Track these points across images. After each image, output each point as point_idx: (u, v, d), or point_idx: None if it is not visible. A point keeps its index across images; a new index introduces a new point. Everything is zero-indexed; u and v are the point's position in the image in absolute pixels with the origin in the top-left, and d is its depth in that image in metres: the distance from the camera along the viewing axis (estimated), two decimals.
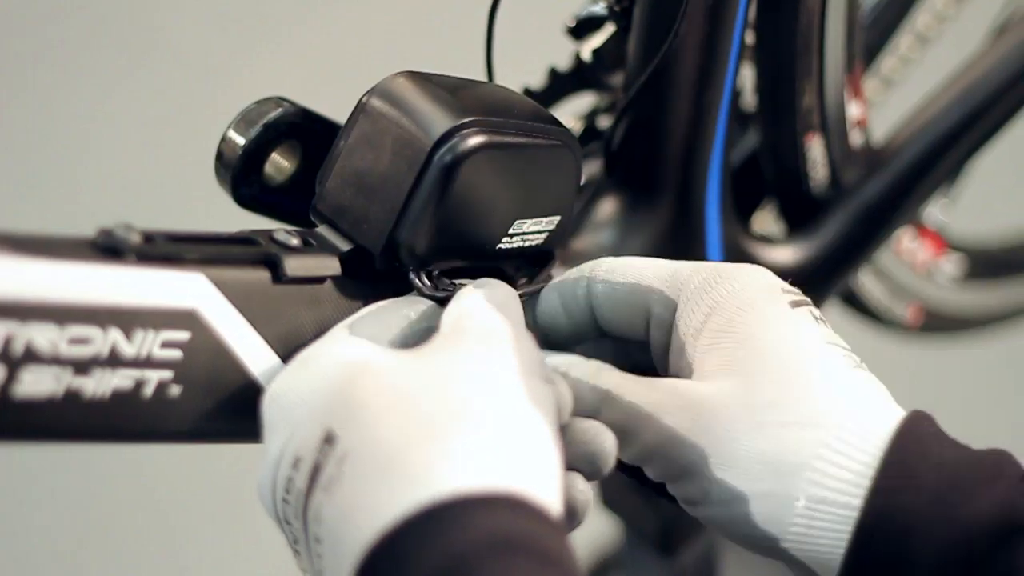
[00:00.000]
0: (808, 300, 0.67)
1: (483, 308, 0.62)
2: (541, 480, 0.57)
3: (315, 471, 0.57)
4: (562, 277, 0.69)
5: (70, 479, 1.88)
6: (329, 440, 0.57)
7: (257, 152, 0.70)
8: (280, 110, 0.71)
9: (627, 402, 0.64)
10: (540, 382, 0.60)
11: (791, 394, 0.63)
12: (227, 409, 0.62)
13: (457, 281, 0.67)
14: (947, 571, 0.60)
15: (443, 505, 0.54)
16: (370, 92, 0.66)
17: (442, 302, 0.66)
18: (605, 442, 0.64)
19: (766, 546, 0.64)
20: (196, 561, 1.84)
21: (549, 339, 0.69)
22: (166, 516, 1.87)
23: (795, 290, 0.67)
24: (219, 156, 0.70)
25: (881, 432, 0.62)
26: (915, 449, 0.62)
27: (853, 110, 0.95)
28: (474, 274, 0.68)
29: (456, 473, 0.55)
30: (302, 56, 2.30)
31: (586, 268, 0.69)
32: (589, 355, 0.66)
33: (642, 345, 0.69)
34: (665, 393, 0.64)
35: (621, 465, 0.66)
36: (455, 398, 0.58)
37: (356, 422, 0.57)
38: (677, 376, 0.66)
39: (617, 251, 0.81)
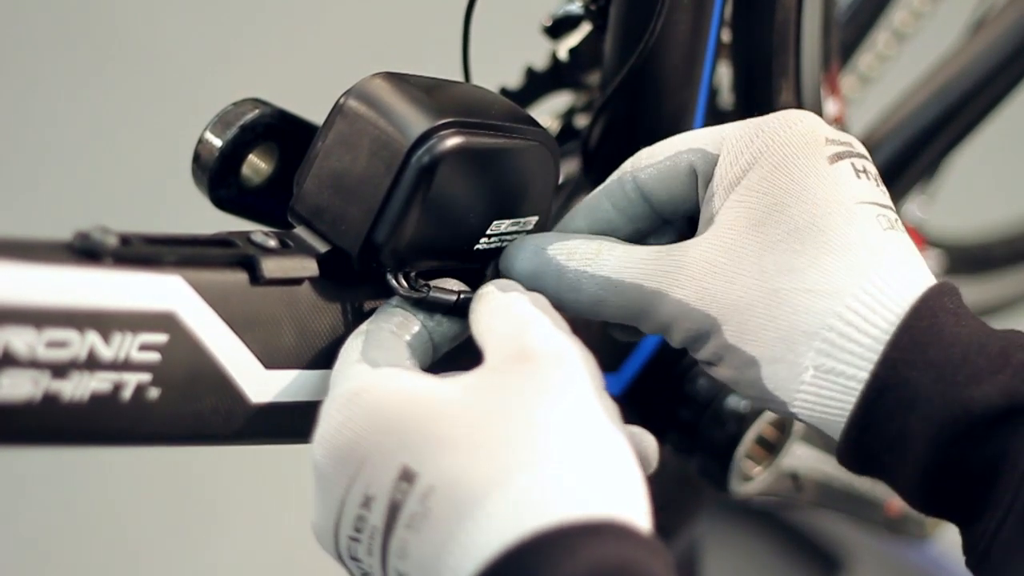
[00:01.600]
0: (855, 149, 0.66)
1: (545, 326, 0.62)
2: (635, 504, 0.57)
3: (393, 509, 0.57)
4: (605, 183, 0.70)
5: (57, 481, 1.87)
6: (407, 477, 0.57)
7: (234, 154, 0.70)
8: (257, 112, 0.70)
9: (631, 284, 0.65)
10: (608, 399, 0.60)
11: (808, 260, 0.63)
12: (206, 411, 0.62)
13: (435, 283, 0.67)
14: (945, 446, 0.61)
15: (548, 535, 0.54)
16: (347, 93, 0.66)
17: (420, 303, 0.66)
18: (648, 446, 0.65)
19: (776, 408, 0.65)
20: (193, 561, 1.84)
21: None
22: (160, 516, 1.86)
23: (839, 138, 0.66)
24: (196, 158, 0.70)
25: (897, 305, 0.62)
26: (929, 325, 0.62)
27: (830, 107, 0.96)
28: (452, 275, 0.68)
29: (556, 502, 0.55)
30: (280, 57, 2.30)
31: (627, 164, 0.70)
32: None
33: (687, 212, 0.69)
34: (677, 261, 0.65)
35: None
36: (540, 425, 0.57)
37: (437, 457, 0.57)
38: (701, 227, 0.67)
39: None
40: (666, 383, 0.86)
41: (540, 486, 0.55)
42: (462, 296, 0.67)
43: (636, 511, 0.57)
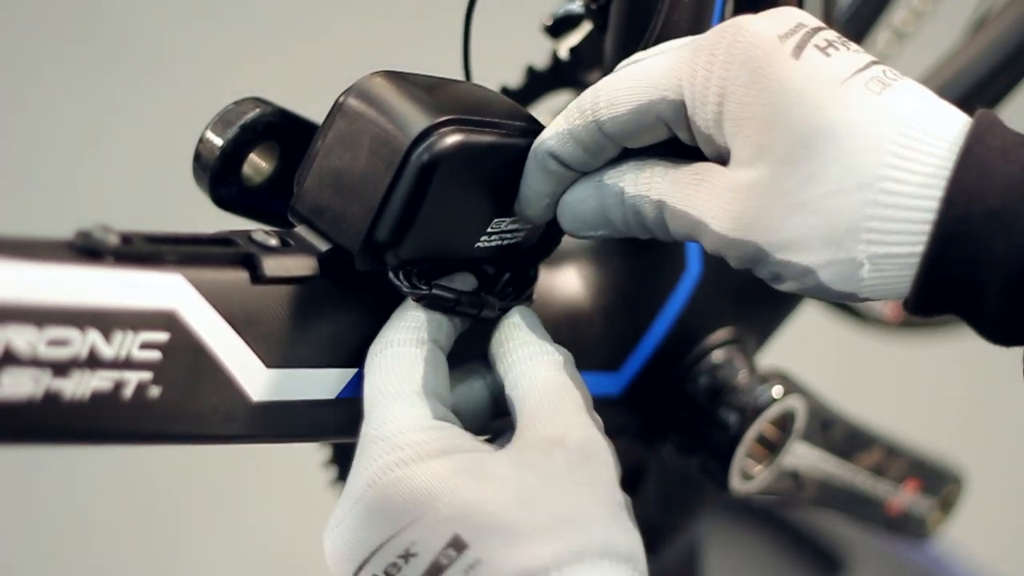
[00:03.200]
0: (809, 25, 0.64)
1: (583, 415, 0.65)
2: None
3: (434, 570, 0.60)
4: (567, 123, 0.68)
5: (54, 480, 1.88)
6: (457, 546, 0.60)
7: (235, 153, 0.70)
8: (258, 111, 0.70)
9: (680, 211, 0.65)
10: (620, 490, 0.64)
11: (821, 163, 0.61)
12: (207, 410, 0.62)
13: (433, 283, 0.67)
14: (1018, 290, 0.59)
15: None
16: (347, 92, 0.66)
17: (421, 299, 0.66)
18: None
19: (848, 301, 0.65)
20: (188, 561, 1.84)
21: (587, 168, 0.69)
22: (154, 516, 1.87)
23: (788, 26, 0.64)
24: (197, 157, 0.70)
25: (934, 167, 0.60)
26: (977, 176, 0.60)
27: None
28: (453, 273, 0.68)
29: None
30: (281, 56, 2.30)
31: (587, 107, 0.67)
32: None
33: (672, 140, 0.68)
34: (708, 192, 0.65)
35: None
36: (581, 520, 0.61)
37: (488, 535, 0.60)
38: (720, 160, 0.66)
39: (596, 249, 0.81)
40: (667, 382, 0.86)
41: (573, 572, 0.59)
42: (463, 298, 0.67)
43: None
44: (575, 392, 0.66)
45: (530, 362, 0.67)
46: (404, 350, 0.66)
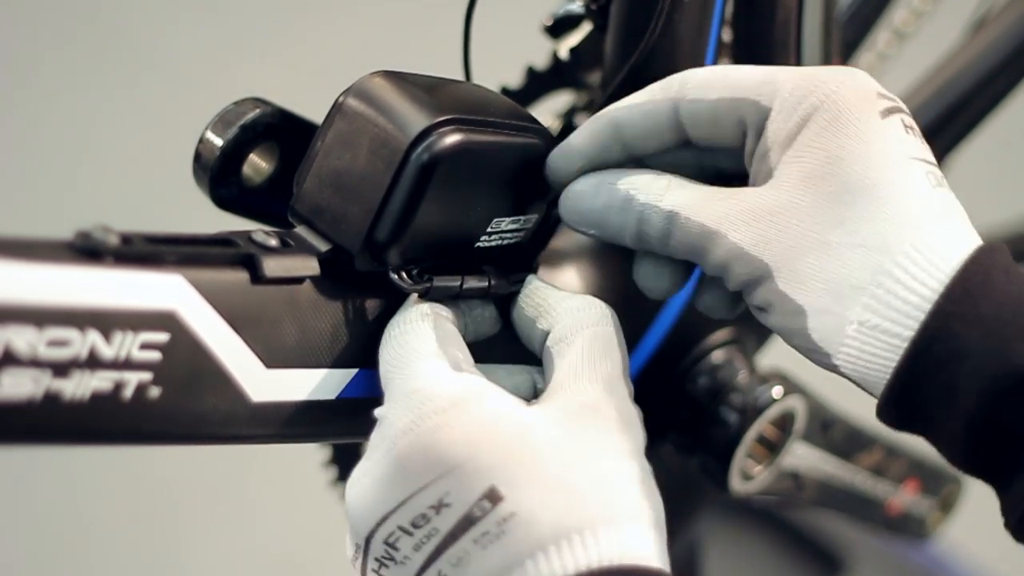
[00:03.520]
0: (901, 106, 0.67)
1: (620, 386, 0.65)
2: (665, 556, 0.62)
3: (467, 521, 0.60)
4: (648, 96, 0.69)
5: (55, 481, 1.88)
6: (492, 497, 0.60)
7: (235, 153, 0.70)
8: (257, 111, 0.70)
9: (695, 222, 0.66)
10: (647, 461, 0.65)
11: (860, 214, 0.63)
12: (207, 410, 0.62)
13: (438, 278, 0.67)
14: (992, 401, 0.61)
15: (609, 572, 0.59)
16: (346, 92, 0.66)
17: (424, 294, 0.67)
18: None
19: (819, 360, 0.66)
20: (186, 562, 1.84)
21: (633, 151, 0.70)
22: (154, 517, 1.86)
23: (889, 95, 0.67)
24: (197, 157, 0.70)
25: (947, 263, 0.62)
26: (981, 281, 0.62)
27: None
28: (453, 273, 0.68)
29: (626, 552, 0.60)
30: (281, 56, 2.30)
31: (674, 86, 0.69)
32: (670, 163, 0.69)
33: (728, 151, 0.69)
34: (735, 206, 0.66)
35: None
36: (617, 484, 0.62)
37: (526, 489, 0.60)
38: (754, 181, 0.67)
39: (596, 249, 0.81)
40: (667, 382, 0.86)
41: (613, 537, 0.60)
42: (466, 280, 0.67)
43: (664, 560, 0.62)
44: (616, 353, 0.66)
45: (579, 313, 0.68)
46: (413, 326, 0.66)
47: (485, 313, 0.70)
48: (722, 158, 0.70)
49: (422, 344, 0.65)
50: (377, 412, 0.63)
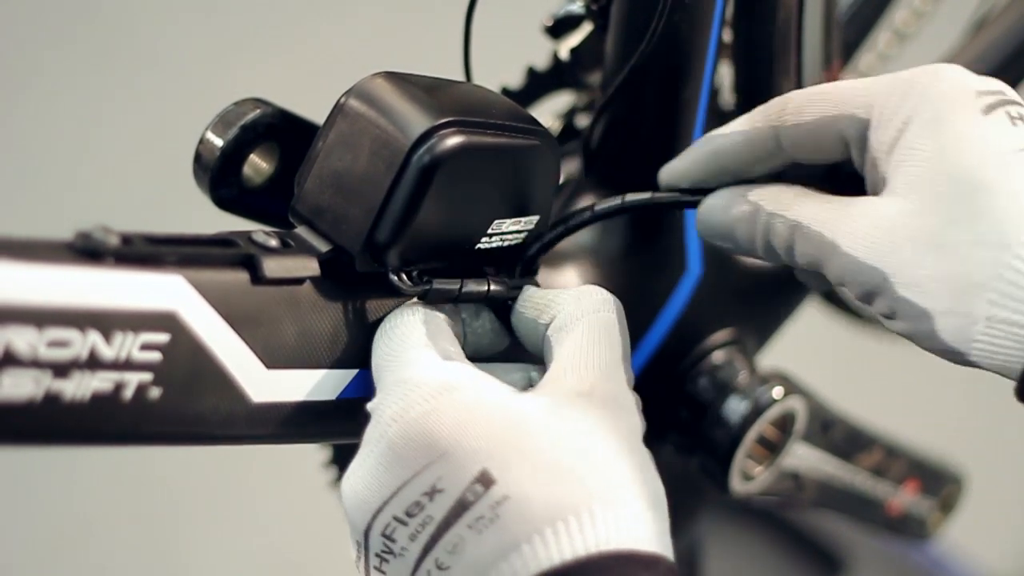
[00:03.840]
0: (1005, 96, 0.66)
1: (617, 370, 0.65)
2: (667, 542, 0.61)
3: (460, 506, 0.59)
4: (749, 124, 0.70)
5: (55, 481, 1.88)
6: (484, 481, 0.59)
7: (235, 153, 0.70)
8: (258, 111, 0.71)
9: (816, 232, 0.66)
10: (645, 448, 0.64)
11: (971, 212, 0.63)
12: (207, 410, 0.62)
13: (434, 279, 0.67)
14: None
15: (610, 559, 0.58)
16: (348, 93, 0.66)
17: (423, 296, 0.67)
18: None
19: (955, 359, 0.65)
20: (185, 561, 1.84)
21: (739, 176, 0.71)
22: (155, 517, 1.87)
23: (990, 87, 0.66)
24: (197, 158, 0.70)
25: None
26: None
27: None
28: (454, 274, 0.68)
29: (621, 536, 0.59)
30: (282, 57, 2.30)
31: (773, 112, 0.69)
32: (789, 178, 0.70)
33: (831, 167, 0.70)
34: (850, 216, 0.66)
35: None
36: (614, 467, 0.61)
37: (518, 471, 0.60)
38: (871, 191, 0.67)
39: (596, 250, 0.81)
40: (667, 383, 0.86)
41: (610, 519, 0.59)
42: (465, 283, 0.67)
43: (666, 548, 0.61)
44: (616, 339, 0.66)
45: (580, 301, 0.67)
46: (403, 319, 0.66)
47: (486, 324, 0.70)
48: (818, 172, 0.70)
49: (412, 336, 0.65)
50: (369, 406, 0.64)
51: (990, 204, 0.63)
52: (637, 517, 0.60)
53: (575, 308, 0.67)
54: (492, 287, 0.69)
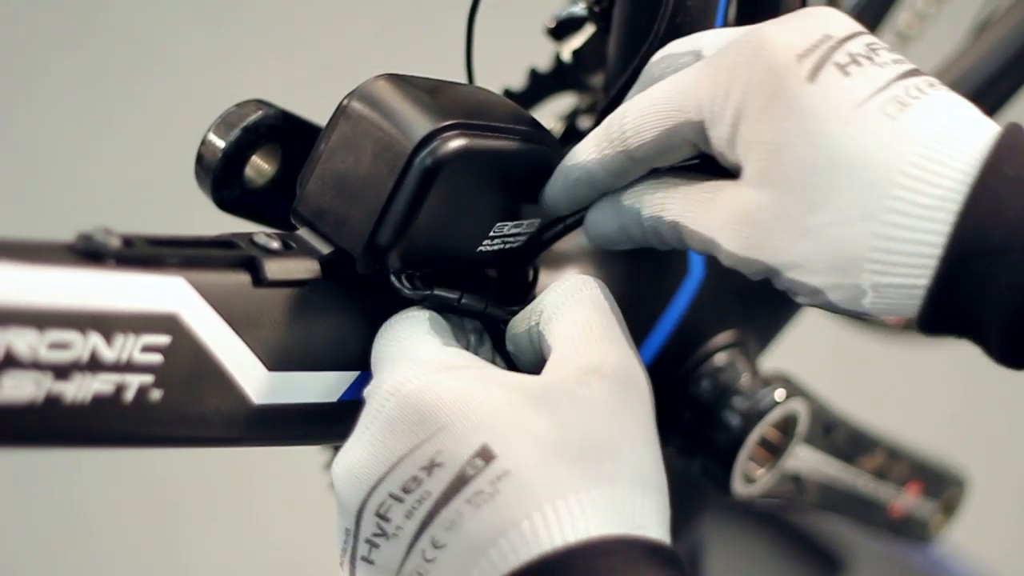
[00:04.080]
0: (836, 37, 0.62)
1: (620, 343, 0.64)
2: (666, 526, 0.61)
3: (459, 481, 0.58)
4: (597, 153, 0.68)
5: (56, 482, 1.88)
6: (485, 456, 0.58)
7: (237, 155, 0.70)
8: (260, 113, 0.70)
9: (695, 231, 0.66)
10: (654, 422, 0.63)
11: (826, 193, 0.61)
12: (208, 412, 0.62)
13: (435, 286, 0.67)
14: (1018, 328, 0.59)
15: (613, 543, 0.57)
16: (350, 95, 0.66)
17: (423, 301, 0.66)
18: None
19: (860, 317, 0.66)
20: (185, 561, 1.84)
21: (599, 194, 0.70)
22: (155, 518, 1.87)
23: (815, 34, 0.63)
24: (199, 159, 0.70)
25: (939, 198, 0.59)
26: (986, 210, 0.58)
27: None
28: (455, 277, 0.68)
29: (623, 519, 0.58)
30: (284, 58, 2.30)
31: (615, 136, 0.67)
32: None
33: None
34: (720, 211, 0.64)
35: None
36: (618, 447, 0.60)
37: (520, 447, 0.59)
38: (736, 173, 0.65)
39: (597, 252, 0.81)
40: (669, 385, 0.86)
41: (613, 502, 0.58)
42: (463, 297, 0.67)
43: (666, 533, 0.60)
44: (609, 313, 0.66)
45: (559, 288, 0.67)
46: (409, 315, 0.66)
47: (488, 353, 0.70)
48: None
49: (413, 329, 0.65)
50: (365, 391, 0.63)
51: (843, 178, 0.60)
52: (639, 502, 0.59)
53: (557, 296, 0.66)
54: (489, 307, 0.69)
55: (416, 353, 0.63)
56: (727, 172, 0.66)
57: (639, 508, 0.59)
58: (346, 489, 0.61)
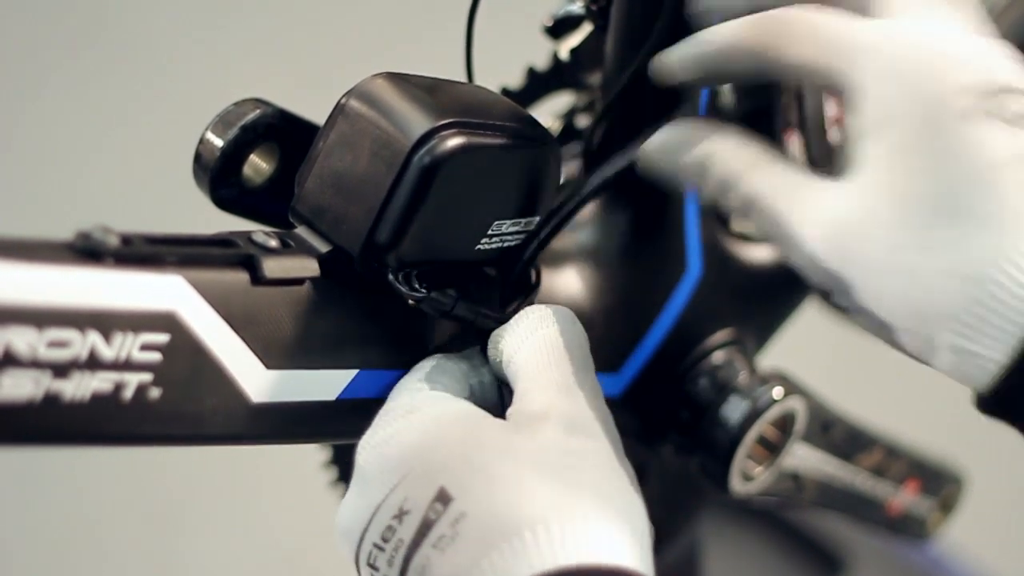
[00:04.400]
0: (1011, 88, 0.60)
1: (565, 392, 0.63)
2: (645, 561, 0.59)
3: (424, 527, 0.59)
4: (738, 35, 0.64)
5: (56, 482, 1.88)
6: (442, 499, 0.59)
7: (235, 154, 0.70)
8: (258, 112, 0.71)
9: (773, 215, 0.62)
10: (627, 463, 0.63)
11: (946, 238, 0.58)
12: (207, 411, 0.62)
13: (432, 288, 0.67)
14: None
15: (568, 572, 0.57)
16: (348, 93, 0.66)
17: (419, 302, 0.66)
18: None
19: (918, 361, 0.62)
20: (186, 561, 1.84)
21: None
22: (155, 518, 1.87)
23: (991, 84, 0.60)
24: (197, 158, 0.70)
25: None
26: None
27: (831, 108, 0.96)
28: (453, 275, 0.68)
29: (580, 549, 0.57)
30: (282, 57, 2.30)
31: (771, 31, 0.63)
32: None
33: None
34: (816, 207, 0.61)
35: None
36: (574, 480, 0.60)
37: (473, 486, 0.59)
38: (848, 160, 0.61)
39: (596, 250, 0.81)
40: (667, 383, 0.86)
41: (570, 533, 0.58)
42: (457, 305, 0.67)
43: (644, 563, 0.59)
44: (562, 354, 0.65)
45: (516, 327, 0.67)
46: (414, 369, 0.67)
47: (486, 379, 0.70)
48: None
49: (408, 379, 0.66)
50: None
51: (965, 231, 0.58)
52: (606, 532, 0.58)
53: (513, 338, 0.67)
54: (480, 316, 0.69)
55: (392, 401, 0.64)
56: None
57: (605, 539, 0.58)
58: (343, 545, 0.63)
